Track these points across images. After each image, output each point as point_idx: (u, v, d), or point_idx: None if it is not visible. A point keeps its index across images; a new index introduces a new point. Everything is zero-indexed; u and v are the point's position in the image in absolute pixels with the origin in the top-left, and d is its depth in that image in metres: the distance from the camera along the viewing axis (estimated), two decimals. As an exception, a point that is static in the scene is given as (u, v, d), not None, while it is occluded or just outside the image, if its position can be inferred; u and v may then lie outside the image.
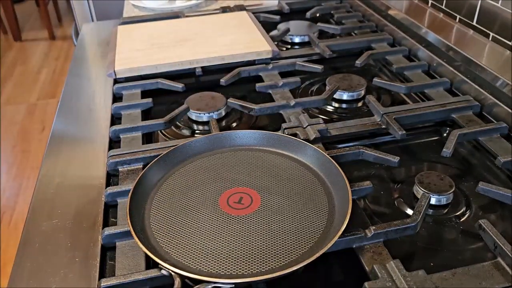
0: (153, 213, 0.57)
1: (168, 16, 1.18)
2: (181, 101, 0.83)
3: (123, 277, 0.49)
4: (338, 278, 0.53)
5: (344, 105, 0.84)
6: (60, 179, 0.67)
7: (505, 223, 0.58)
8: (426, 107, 0.76)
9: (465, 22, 0.91)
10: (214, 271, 0.49)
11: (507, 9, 0.79)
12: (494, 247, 0.51)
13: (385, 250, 0.53)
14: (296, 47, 1.07)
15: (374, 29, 1.10)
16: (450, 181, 0.61)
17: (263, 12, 1.21)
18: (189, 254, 0.51)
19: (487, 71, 0.79)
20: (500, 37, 0.82)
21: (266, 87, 0.86)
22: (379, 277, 0.49)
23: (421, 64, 0.91)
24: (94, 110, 0.84)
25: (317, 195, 0.59)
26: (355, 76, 0.88)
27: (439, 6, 0.99)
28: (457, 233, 0.58)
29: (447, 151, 0.66)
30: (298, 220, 0.55)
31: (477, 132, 0.70)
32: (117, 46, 1.00)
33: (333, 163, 0.60)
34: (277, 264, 0.50)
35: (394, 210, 0.61)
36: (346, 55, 1.01)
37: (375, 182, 0.65)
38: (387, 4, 1.11)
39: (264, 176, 0.62)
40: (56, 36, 3.67)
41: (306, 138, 0.70)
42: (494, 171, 0.67)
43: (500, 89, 0.76)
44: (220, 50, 0.95)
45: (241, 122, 0.81)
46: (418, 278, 0.48)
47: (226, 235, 0.54)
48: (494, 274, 0.49)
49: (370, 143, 0.74)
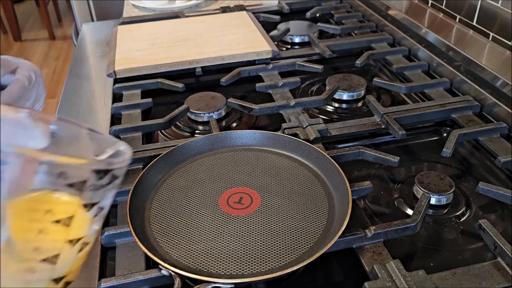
0: (153, 213, 0.57)
1: (168, 16, 1.18)
2: (181, 101, 0.83)
3: (123, 277, 0.49)
4: (338, 278, 0.53)
5: (344, 105, 0.84)
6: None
7: (505, 223, 0.58)
8: (426, 107, 0.76)
9: (465, 22, 0.91)
10: (214, 271, 0.49)
11: (507, 9, 0.79)
12: (494, 247, 0.51)
13: (385, 250, 0.53)
14: (296, 47, 1.07)
15: (374, 29, 1.10)
16: (450, 181, 0.61)
17: (263, 12, 1.21)
18: (189, 254, 0.51)
19: (487, 71, 0.79)
20: (500, 37, 0.82)
21: (266, 87, 0.86)
22: (379, 277, 0.49)
23: (421, 64, 0.91)
24: (94, 110, 0.84)
25: (317, 195, 0.59)
26: (355, 76, 0.88)
27: (439, 6, 0.99)
28: (457, 233, 0.58)
29: (447, 151, 0.66)
30: (298, 220, 0.55)
31: (477, 132, 0.70)
32: (117, 46, 1.00)
33: (333, 163, 0.60)
34: (277, 264, 0.50)
35: (394, 210, 0.61)
36: (346, 55, 1.01)
37: (375, 182, 0.65)
38: (387, 4, 1.11)
39: (264, 176, 0.62)
40: (56, 36, 3.67)
41: (306, 138, 0.70)
42: (494, 171, 0.67)
43: (500, 89, 0.76)
44: (220, 50, 0.95)
45: (241, 122, 0.81)
46: (418, 278, 0.48)
47: (226, 235, 0.54)
48: (494, 274, 0.49)
49: (370, 143, 0.74)
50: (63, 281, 0.36)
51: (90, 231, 0.36)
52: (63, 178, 0.32)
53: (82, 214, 0.34)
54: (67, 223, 0.34)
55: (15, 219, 0.32)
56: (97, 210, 0.35)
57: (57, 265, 0.34)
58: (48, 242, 0.33)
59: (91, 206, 0.34)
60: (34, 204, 0.33)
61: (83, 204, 0.34)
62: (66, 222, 0.34)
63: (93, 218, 0.36)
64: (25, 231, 0.32)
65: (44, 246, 0.33)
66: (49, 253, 0.33)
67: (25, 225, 0.32)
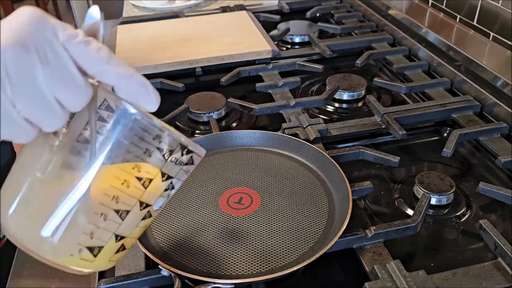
0: (153, 213, 0.57)
1: (168, 16, 1.18)
2: (181, 101, 0.82)
3: (122, 278, 0.49)
4: (338, 279, 0.53)
5: (344, 105, 0.84)
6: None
7: (505, 223, 0.58)
8: (427, 107, 0.76)
9: (465, 22, 0.91)
10: (214, 272, 0.49)
11: (507, 9, 0.79)
12: (495, 247, 0.51)
13: (385, 250, 0.52)
14: (296, 47, 1.07)
15: (374, 29, 1.10)
16: (450, 181, 0.61)
17: (263, 11, 1.21)
18: (189, 255, 0.51)
19: (487, 71, 0.79)
20: (500, 37, 0.82)
21: (266, 87, 0.86)
22: (379, 277, 0.49)
23: (421, 64, 0.91)
24: (94, 110, 0.84)
25: (317, 195, 0.59)
26: (355, 76, 0.88)
27: (439, 6, 0.98)
28: (458, 233, 0.57)
29: (448, 151, 0.66)
30: (298, 220, 0.55)
31: (477, 132, 0.70)
32: (117, 46, 1.00)
33: (333, 163, 0.60)
34: (277, 264, 0.50)
35: (395, 210, 0.61)
36: (346, 55, 1.01)
37: (376, 182, 0.65)
38: (387, 4, 1.11)
39: (264, 176, 0.62)
40: (56, 36, 3.67)
41: (306, 138, 0.70)
42: (494, 171, 0.67)
43: (501, 89, 0.76)
44: (220, 50, 0.95)
45: (241, 122, 0.81)
46: (418, 279, 0.48)
47: (226, 235, 0.53)
48: (494, 275, 0.49)
49: (370, 143, 0.74)
50: (122, 241, 0.37)
51: (157, 203, 0.38)
52: (158, 141, 0.35)
53: (159, 182, 0.37)
54: (146, 184, 0.36)
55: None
56: (169, 185, 0.38)
57: (124, 221, 0.36)
58: (126, 195, 0.35)
59: (167, 178, 0.37)
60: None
61: (162, 172, 0.36)
62: (145, 183, 0.36)
63: (163, 191, 0.38)
64: (112, 177, 0.34)
65: (121, 198, 0.35)
66: (123, 207, 0.36)
67: (115, 172, 0.34)
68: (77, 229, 0.35)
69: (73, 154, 0.34)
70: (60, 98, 0.31)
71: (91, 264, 0.37)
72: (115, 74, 0.32)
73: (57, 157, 0.34)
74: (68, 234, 0.35)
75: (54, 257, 0.35)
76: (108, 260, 0.38)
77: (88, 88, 0.32)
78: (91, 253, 0.36)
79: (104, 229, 0.36)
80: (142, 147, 0.34)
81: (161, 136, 0.35)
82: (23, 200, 0.35)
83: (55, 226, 0.34)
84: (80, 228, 0.35)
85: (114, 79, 0.33)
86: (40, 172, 0.34)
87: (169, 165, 0.36)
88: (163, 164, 0.36)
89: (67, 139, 0.34)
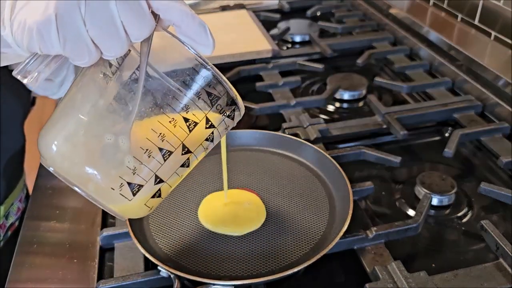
0: (152, 214, 0.57)
1: (168, 15, 1.18)
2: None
3: (121, 279, 0.49)
4: (339, 280, 0.53)
5: (345, 104, 0.84)
6: (58, 180, 0.67)
7: (507, 224, 0.58)
8: (428, 107, 0.76)
9: (467, 21, 0.90)
10: (214, 273, 0.49)
11: (509, 9, 0.79)
12: (496, 248, 0.51)
13: (386, 251, 0.52)
14: (297, 46, 1.06)
15: (375, 28, 1.09)
16: (452, 181, 0.60)
17: (263, 10, 1.21)
18: (188, 255, 0.51)
19: (489, 70, 0.79)
20: (502, 37, 0.82)
21: (266, 87, 0.86)
22: (380, 278, 0.48)
23: (422, 64, 0.91)
24: (93, 109, 0.83)
25: (318, 195, 0.59)
26: (356, 76, 0.87)
27: (440, 5, 0.98)
28: (459, 234, 0.57)
29: (449, 151, 0.66)
30: (299, 221, 0.55)
31: (479, 132, 0.70)
32: (117, 45, 0.99)
33: (334, 163, 0.60)
34: (277, 265, 0.50)
35: (396, 211, 0.61)
36: (347, 54, 1.00)
37: (377, 182, 0.64)
38: (388, 3, 1.11)
39: (264, 176, 0.62)
40: (56, 35, 3.67)
41: (307, 138, 0.70)
42: (496, 172, 0.67)
43: (502, 88, 0.75)
44: (220, 49, 0.94)
45: (241, 121, 0.80)
46: (419, 279, 0.47)
47: (226, 236, 0.53)
48: (496, 275, 0.49)
49: (371, 143, 0.74)
50: (159, 186, 0.39)
51: (197, 152, 0.39)
52: (208, 86, 0.36)
53: (202, 128, 0.38)
54: (191, 127, 0.37)
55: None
56: (210, 136, 0.39)
57: (166, 163, 0.37)
58: (172, 134, 0.37)
59: (210, 126, 0.38)
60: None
61: (207, 117, 0.37)
62: (190, 125, 0.37)
63: (204, 141, 0.39)
64: (161, 113, 0.36)
65: (167, 136, 0.36)
66: (167, 146, 0.37)
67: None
68: (121, 163, 0.36)
69: (124, 91, 0.35)
70: (127, 25, 0.33)
71: (128, 204, 0.38)
72: (179, 11, 0.34)
73: (108, 94, 0.36)
74: (111, 166, 0.36)
75: (96, 192, 0.37)
76: (143, 204, 0.39)
77: (152, 20, 0.33)
78: (130, 190, 0.37)
79: (146, 167, 0.37)
80: (194, 88, 0.36)
81: (210, 82, 0.36)
82: (68, 137, 0.36)
83: (99, 159, 0.36)
84: (124, 162, 0.36)
85: (178, 16, 0.34)
86: (87, 111, 0.36)
87: (214, 112, 0.37)
88: (209, 109, 0.37)
89: (118, 78, 0.35)
